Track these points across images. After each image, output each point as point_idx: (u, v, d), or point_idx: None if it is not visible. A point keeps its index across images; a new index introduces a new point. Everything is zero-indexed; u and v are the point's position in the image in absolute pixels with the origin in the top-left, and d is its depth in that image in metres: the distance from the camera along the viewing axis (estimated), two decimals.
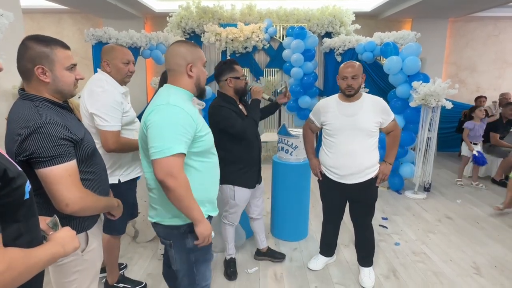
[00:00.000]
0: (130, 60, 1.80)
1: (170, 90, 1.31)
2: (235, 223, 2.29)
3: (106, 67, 1.75)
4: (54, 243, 0.83)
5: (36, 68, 1.08)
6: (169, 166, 1.17)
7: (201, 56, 1.36)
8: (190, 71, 1.32)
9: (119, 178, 1.81)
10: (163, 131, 1.18)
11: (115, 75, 1.77)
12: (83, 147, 1.15)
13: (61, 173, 1.05)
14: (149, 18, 6.48)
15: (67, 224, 1.14)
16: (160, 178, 1.18)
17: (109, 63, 1.74)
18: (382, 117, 1.99)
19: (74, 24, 6.48)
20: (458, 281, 2.27)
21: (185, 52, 1.31)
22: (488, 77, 6.52)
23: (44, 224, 0.93)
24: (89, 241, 1.26)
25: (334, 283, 2.25)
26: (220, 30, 5.35)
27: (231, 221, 2.26)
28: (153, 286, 2.20)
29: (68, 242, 0.86)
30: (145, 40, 4.20)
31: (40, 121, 1.03)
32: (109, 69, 1.75)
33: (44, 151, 1.02)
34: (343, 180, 2.07)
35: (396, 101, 3.89)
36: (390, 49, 3.97)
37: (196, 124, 1.24)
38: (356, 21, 5.63)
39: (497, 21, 6.36)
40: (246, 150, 2.08)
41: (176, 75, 1.33)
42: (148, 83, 6.31)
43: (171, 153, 1.16)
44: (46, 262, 0.78)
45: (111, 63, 1.75)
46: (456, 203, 3.72)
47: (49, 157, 1.02)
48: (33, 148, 1.01)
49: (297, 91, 5.06)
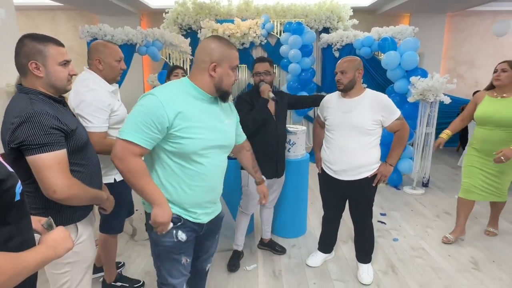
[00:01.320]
0: (122, 57, 1.78)
1: (176, 82, 1.27)
2: (246, 211, 2.34)
3: (98, 65, 1.70)
4: (46, 246, 0.82)
5: (30, 63, 1.15)
6: (119, 149, 1.17)
7: (231, 58, 1.25)
8: (213, 70, 1.23)
9: (114, 177, 1.80)
10: (130, 115, 1.18)
11: (107, 73, 1.72)
12: (74, 139, 1.21)
13: (50, 161, 1.09)
14: (145, 15, 6.42)
15: (57, 215, 1.20)
16: (111, 157, 1.20)
17: (102, 61, 1.70)
18: (383, 115, 1.92)
19: (69, 21, 6.41)
20: (457, 276, 2.27)
21: (213, 49, 1.22)
22: (486, 71, 6.51)
23: (38, 225, 0.92)
24: (78, 233, 1.28)
25: (333, 280, 2.24)
26: (217, 26, 5.31)
27: (244, 208, 2.34)
28: (151, 284, 2.19)
29: (60, 244, 0.85)
30: (141, 37, 4.15)
31: (32, 111, 1.09)
32: (102, 67, 1.70)
33: (35, 139, 1.07)
34: (337, 176, 2.06)
35: (394, 97, 3.88)
36: (388, 44, 3.95)
37: (169, 121, 1.15)
38: (354, 16, 5.60)
39: (495, 15, 6.34)
40: (260, 142, 2.11)
41: (198, 70, 1.25)
42: (145, 80, 6.27)
43: (123, 137, 1.16)
44: (37, 266, 0.76)
45: (104, 61, 1.70)
46: (454, 198, 3.72)
47: (39, 145, 1.07)
48: (24, 136, 1.06)
49: (294, 87, 5.03)
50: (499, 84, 2.42)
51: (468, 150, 2.63)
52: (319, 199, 2.32)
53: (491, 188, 2.52)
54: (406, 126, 1.99)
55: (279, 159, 2.27)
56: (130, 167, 1.17)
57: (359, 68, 1.96)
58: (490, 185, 2.52)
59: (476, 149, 2.54)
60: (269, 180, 2.27)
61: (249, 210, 2.34)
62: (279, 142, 2.23)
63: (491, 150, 2.38)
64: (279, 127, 2.23)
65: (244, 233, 2.42)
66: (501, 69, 2.40)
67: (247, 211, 2.34)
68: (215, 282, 2.21)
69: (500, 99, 2.42)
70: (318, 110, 2.24)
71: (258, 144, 2.07)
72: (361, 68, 1.97)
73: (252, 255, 2.54)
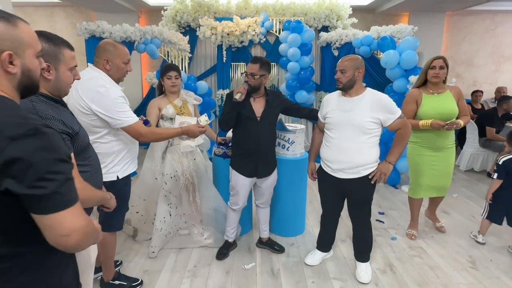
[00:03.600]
0: (129, 59, 1.79)
1: None
2: (233, 207, 2.40)
3: (106, 64, 1.69)
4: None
5: None
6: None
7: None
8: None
9: (117, 175, 1.79)
10: None
11: (114, 73, 1.72)
12: (79, 140, 1.20)
13: None
14: (143, 12, 6.39)
15: None
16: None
17: (110, 61, 1.69)
18: (383, 115, 1.91)
19: (67, 18, 6.37)
20: (455, 275, 2.28)
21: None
22: (484, 71, 6.53)
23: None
24: None
25: (331, 278, 2.25)
26: (216, 24, 5.29)
27: (231, 203, 2.41)
28: (149, 283, 2.18)
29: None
30: (140, 34, 4.13)
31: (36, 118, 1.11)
32: (109, 67, 1.69)
33: None
34: (336, 174, 2.06)
35: (393, 96, 3.88)
36: (387, 43, 3.94)
37: None
38: (353, 15, 5.59)
39: (494, 15, 6.35)
40: (240, 138, 2.26)
41: None
42: (143, 78, 6.25)
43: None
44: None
45: (112, 62, 1.69)
46: (452, 197, 3.74)
47: None
48: None
49: (293, 86, 5.03)
50: (437, 82, 2.45)
51: (413, 149, 2.65)
52: (318, 198, 2.32)
53: (436, 185, 2.62)
54: (407, 124, 1.98)
55: (261, 160, 2.25)
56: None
57: (360, 67, 1.94)
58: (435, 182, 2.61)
59: (422, 146, 2.58)
60: (256, 180, 2.33)
61: (235, 205, 2.39)
62: (260, 142, 2.20)
63: (435, 143, 2.51)
64: (263, 127, 2.19)
65: (235, 226, 2.49)
66: (439, 66, 2.41)
67: (233, 206, 2.40)
68: (213, 281, 2.21)
69: (437, 95, 2.48)
70: (318, 112, 2.23)
71: (238, 139, 2.26)
72: (361, 68, 1.95)
73: (250, 253, 2.54)
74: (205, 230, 2.64)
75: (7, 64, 0.73)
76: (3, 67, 0.73)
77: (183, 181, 2.46)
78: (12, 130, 0.66)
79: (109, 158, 1.74)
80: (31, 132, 0.67)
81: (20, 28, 0.76)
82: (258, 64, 2.11)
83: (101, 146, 1.69)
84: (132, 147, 1.88)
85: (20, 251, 0.76)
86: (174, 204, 2.51)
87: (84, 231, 0.73)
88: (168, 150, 2.47)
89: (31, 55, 0.79)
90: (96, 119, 1.64)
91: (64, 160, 0.72)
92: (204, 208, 2.60)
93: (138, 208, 2.65)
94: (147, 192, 2.62)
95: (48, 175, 0.67)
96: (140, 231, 2.71)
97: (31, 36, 0.79)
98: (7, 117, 0.69)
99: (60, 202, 0.69)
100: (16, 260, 0.76)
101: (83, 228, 0.73)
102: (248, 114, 2.18)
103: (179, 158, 2.44)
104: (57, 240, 0.71)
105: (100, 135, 1.70)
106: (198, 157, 2.55)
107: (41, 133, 0.69)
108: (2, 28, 0.72)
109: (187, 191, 2.52)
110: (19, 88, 0.79)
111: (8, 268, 0.75)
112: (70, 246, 0.72)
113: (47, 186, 0.67)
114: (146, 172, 2.58)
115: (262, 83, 2.20)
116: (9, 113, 0.70)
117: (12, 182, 0.65)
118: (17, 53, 0.75)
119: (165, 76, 2.39)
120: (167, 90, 2.43)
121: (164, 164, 2.44)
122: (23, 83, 0.79)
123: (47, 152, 0.68)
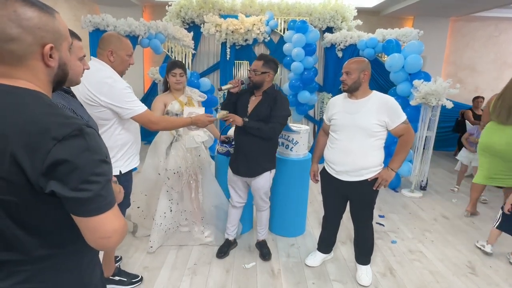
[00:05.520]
0: (132, 52, 1.80)
1: None
2: (232, 203, 2.44)
3: (110, 56, 1.69)
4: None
5: None
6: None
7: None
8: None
9: (120, 170, 1.78)
10: None
11: (117, 66, 1.73)
12: None
13: None
14: (147, 7, 6.35)
15: None
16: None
17: (114, 53, 1.70)
18: (388, 118, 1.91)
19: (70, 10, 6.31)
20: (454, 280, 2.29)
21: None
22: (487, 77, 6.54)
23: None
24: None
25: (331, 280, 2.25)
26: (221, 21, 5.26)
27: (231, 201, 2.46)
28: (149, 279, 2.17)
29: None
30: (144, 29, 4.10)
31: None
32: (113, 59, 1.70)
33: None
34: (339, 176, 2.06)
35: (396, 99, 3.82)
36: (392, 46, 3.94)
37: None
38: (358, 17, 5.57)
39: (498, 22, 6.36)
40: (234, 133, 2.31)
41: None
42: (146, 73, 6.21)
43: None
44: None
45: (117, 54, 1.70)
46: (452, 202, 3.75)
47: None
48: None
49: (296, 86, 5.01)
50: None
51: None
52: (318, 199, 2.32)
53: None
54: (411, 131, 1.96)
55: (241, 159, 2.23)
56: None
57: (365, 70, 1.93)
58: None
59: None
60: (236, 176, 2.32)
61: (232, 201, 2.44)
62: (245, 140, 2.17)
63: None
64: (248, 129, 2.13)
65: (235, 224, 2.51)
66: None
67: (232, 202, 2.44)
68: (214, 279, 2.20)
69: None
70: (324, 113, 2.23)
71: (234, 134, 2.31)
72: (367, 70, 1.94)
73: (251, 253, 2.54)
74: (206, 228, 2.63)
75: (48, 58, 0.70)
76: (44, 60, 0.70)
77: (186, 178, 2.45)
78: (57, 131, 0.64)
79: (112, 152, 1.73)
80: (76, 132, 0.65)
81: (57, 20, 0.72)
82: (262, 61, 2.15)
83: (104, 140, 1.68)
84: (135, 142, 1.88)
85: (56, 252, 0.74)
86: (175, 200, 2.50)
87: (122, 231, 0.73)
88: (172, 146, 2.45)
89: (66, 48, 0.76)
90: (102, 111, 1.64)
91: (105, 161, 0.71)
92: (206, 205, 2.59)
93: (140, 203, 2.64)
94: (150, 188, 2.61)
95: (92, 177, 0.66)
96: (140, 226, 2.70)
97: (65, 28, 0.76)
98: (50, 116, 0.66)
99: (103, 205, 0.69)
100: (53, 260, 0.74)
101: (122, 228, 0.72)
102: (241, 109, 2.21)
103: (184, 154, 2.43)
104: (98, 241, 0.70)
105: (104, 129, 1.70)
106: (203, 154, 2.54)
107: (85, 134, 0.67)
108: (45, 20, 0.69)
109: (189, 188, 2.51)
110: (54, 82, 0.76)
111: (44, 268, 0.73)
112: (110, 247, 0.72)
113: (91, 189, 0.66)
114: (149, 168, 2.57)
115: (265, 81, 2.17)
116: (50, 112, 0.67)
117: (58, 185, 0.64)
118: (56, 46, 0.72)
119: (170, 73, 2.38)
120: (171, 87, 2.42)
121: (168, 159, 2.43)
122: (58, 77, 0.76)
123: (91, 153, 0.67)
